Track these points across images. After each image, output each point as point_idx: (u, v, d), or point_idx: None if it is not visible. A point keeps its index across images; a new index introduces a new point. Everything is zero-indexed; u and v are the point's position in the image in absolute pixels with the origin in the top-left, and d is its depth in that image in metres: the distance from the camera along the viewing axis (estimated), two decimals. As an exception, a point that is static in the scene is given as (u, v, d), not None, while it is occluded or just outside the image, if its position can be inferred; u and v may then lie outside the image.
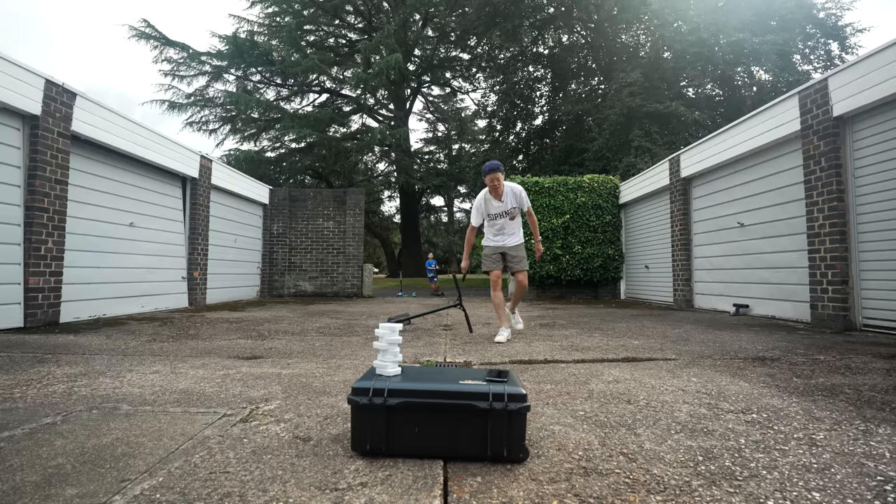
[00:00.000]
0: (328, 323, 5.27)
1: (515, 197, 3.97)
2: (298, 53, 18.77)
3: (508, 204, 3.96)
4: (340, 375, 2.59)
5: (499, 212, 3.99)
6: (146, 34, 17.28)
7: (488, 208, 4.03)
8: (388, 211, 33.27)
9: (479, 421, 1.39)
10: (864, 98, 4.38)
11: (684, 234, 7.76)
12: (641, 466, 1.37)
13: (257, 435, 1.63)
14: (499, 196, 3.93)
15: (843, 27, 15.39)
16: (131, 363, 2.90)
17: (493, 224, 4.06)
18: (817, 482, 1.26)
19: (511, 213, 3.99)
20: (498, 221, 4.03)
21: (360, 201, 10.94)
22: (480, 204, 4.05)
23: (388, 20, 20.69)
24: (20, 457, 1.42)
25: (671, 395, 2.16)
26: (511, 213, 3.99)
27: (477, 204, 4.09)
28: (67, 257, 5.18)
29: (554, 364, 2.93)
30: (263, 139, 20.46)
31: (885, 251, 4.36)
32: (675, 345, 3.68)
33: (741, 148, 6.19)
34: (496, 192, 3.90)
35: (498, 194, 3.92)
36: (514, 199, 3.97)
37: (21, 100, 4.60)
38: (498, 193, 3.91)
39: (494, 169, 3.84)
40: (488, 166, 3.86)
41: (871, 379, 2.47)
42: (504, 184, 3.92)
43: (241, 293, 9.60)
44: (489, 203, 4.01)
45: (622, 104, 13.92)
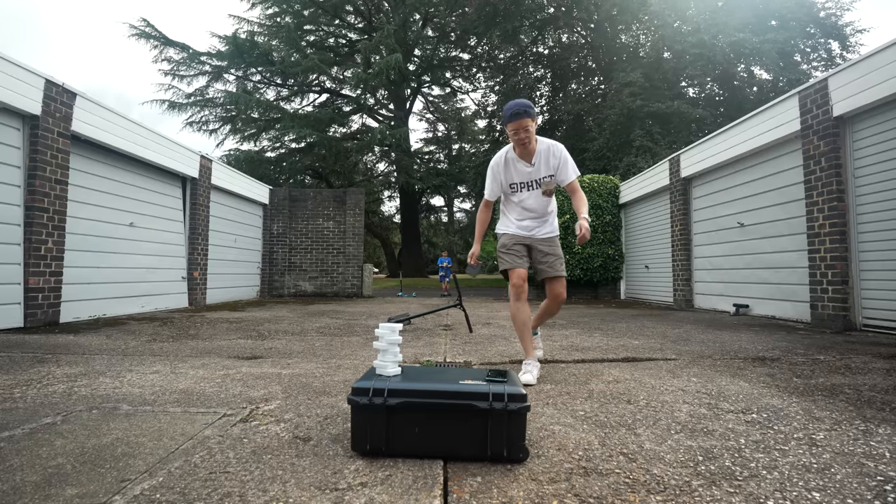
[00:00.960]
0: (328, 323, 5.27)
1: (555, 160, 2.59)
2: (298, 53, 18.76)
3: (542, 170, 2.58)
4: (340, 375, 2.59)
5: (527, 181, 2.63)
6: (146, 34, 17.28)
7: (509, 174, 2.66)
8: (388, 211, 33.29)
9: (479, 421, 1.39)
10: (864, 98, 4.37)
11: (684, 234, 7.76)
12: (641, 466, 1.37)
13: (257, 435, 1.63)
14: (528, 155, 2.57)
15: (843, 27, 15.40)
16: (131, 363, 2.90)
17: (516, 200, 2.70)
18: (817, 482, 1.26)
19: (545, 186, 2.61)
20: (524, 197, 2.66)
21: (360, 201, 10.94)
22: (499, 167, 2.67)
23: (388, 20, 20.70)
24: (20, 457, 1.42)
25: (671, 395, 2.16)
26: (545, 186, 2.61)
27: (493, 167, 2.69)
28: (67, 257, 5.18)
29: (554, 364, 2.93)
30: (263, 139, 20.47)
31: (885, 251, 4.36)
32: (675, 345, 3.68)
33: (741, 148, 6.19)
34: (524, 148, 2.54)
35: (527, 152, 2.56)
36: (552, 163, 2.59)
37: (21, 100, 4.59)
38: (527, 151, 2.55)
39: (521, 112, 2.44)
40: (513, 107, 2.47)
41: (871, 379, 2.47)
42: (538, 139, 2.57)
43: (241, 293, 9.60)
44: (512, 166, 2.64)
45: (622, 104, 13.92)
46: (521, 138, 2.49)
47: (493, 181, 2.71)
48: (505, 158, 2.65)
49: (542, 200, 2.66)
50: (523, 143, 2.50)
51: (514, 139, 2.52)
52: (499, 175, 2.68)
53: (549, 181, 2.61)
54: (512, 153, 2.62)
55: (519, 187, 2.66)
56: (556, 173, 2.60)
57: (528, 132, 2.48)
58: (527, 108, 2.45)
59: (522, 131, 2.48)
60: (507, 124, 2.50)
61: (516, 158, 2.61)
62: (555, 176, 2.61)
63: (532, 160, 2.59)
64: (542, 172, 2.60)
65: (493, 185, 2.72)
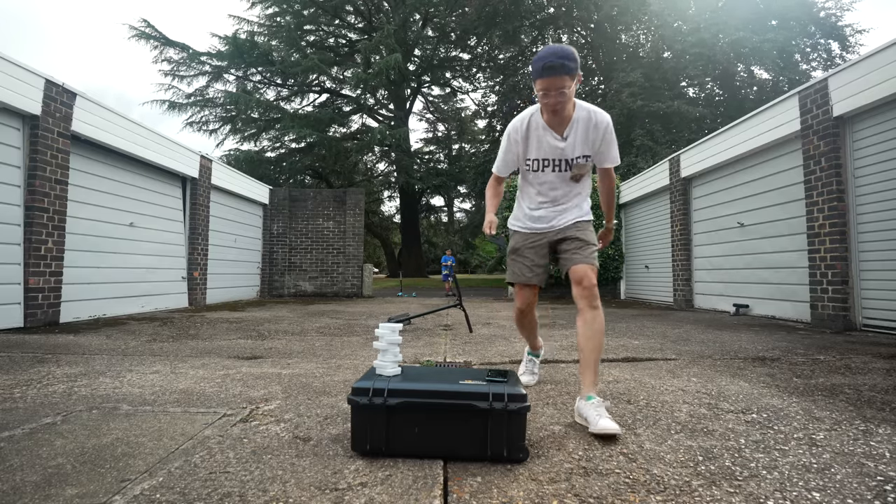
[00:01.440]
0: (328, 323, 5.27)
1: (596, 135, 1.89)
2: (298, 53, 18.77)
3: (577, 147, 1.90)
4: (340, 375, 2.59)
5: (553, 158, 1.93)
6: (146, 34, 17.28)
7: (530, 145, 1.95)
8: (388, 211, 33.28)
9: (479, 421, 1.39)
10: (864, 98, 4.38)
11: (684, 234, 7.76)
12: (641, 466, 1.37)
13: (257, 435, 1.63)
14: (560, 124, 1.87)
15: (843, 27, 15.41)
16: (131, 363, 2.90)
17: (534, 181, 2.02)
18: (817, 482, 1.26)
19: (578, 169, 1.94)
20: (546, 179, 1.98)
21: (360, 201, 10.94)
22: (517, 133, 1.96)
23: (388, 20, 20.70)
24: (20, 457, 1.42)
25: (671, 395, 2.16)
26: (578, 169, 1.94)
27: (511, 133, 1.98)
28: (67, 257, 5.18)
29: (554, 364, 2.93)
30: (263, 139, 20.47)
31: (885, 251, 4.36)
32: (675, 345, 3.68)
33: (741, 148, 6.19)
34: (555, 115, 1.84)
35: (560, 120, 1.86)
36: (592, 138, 1.89)
37: (21, 100, 4.59)
38: (559, 118, 1.85)
39: (556, 66, 1.71)
40: (545, 57, 1.72)
41: (871, 379, 2.47)
42: (576, 102, 1.88)
43: (241, 293, 9.60)
44: (536, 135, 1.93)
45: (622, 104, 13.93)
46: (551, 103, 1.76)
47: (508, 152, 2.02)
48: (528, 123, 1.93)
49: (569, 185, 1.99)
50: (555, 109, 1.79)
51: (542, 102, 1.82)
52: (515, 145, 1.97)
53: (583, 163, 1.92)
54: (538, 117, 1.91)
55: (541, 165, 1.96)
56: (595, 153, 1.91)
57: (564, 96, 1.74)
58: (565, 61, 1.69)
59: (555, 93, 1.73)
60: (537, 79, 1.76)
61: (543, 126, 1.90)
62: (591, 157, 1.93)
63: (565, 132, 1.88)
64: (576, 150, 1.89)
65: (507, 156, 2.03)
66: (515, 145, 1.99)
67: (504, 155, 2.05)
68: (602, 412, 1.66)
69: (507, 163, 2.07)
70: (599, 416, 1.63)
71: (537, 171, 1.99)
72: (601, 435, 1.58)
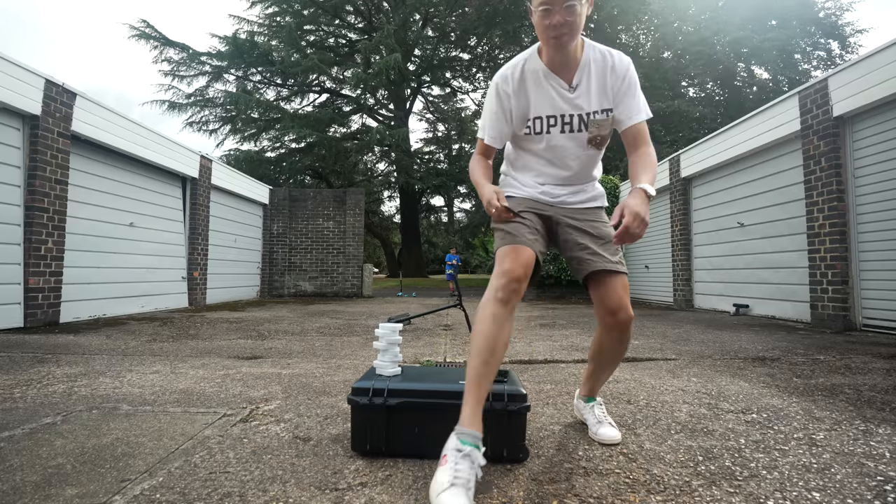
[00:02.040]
0: (328, 323, 5.27)
1: (616, 81, 1.41)
2: (298, 53, 18.76)
3: (592, 98, 1.41)
4: (340, 375, 2.59)
5: (562, 113, 1.43)
6: (146, 34, 17.28)
7: (526, 98, 1.44)
8: (388, 211, 33.26)
9: (479, 421, 1.39)
10: (864, 98, 4.38)
11: (684, 234, 7.76)
12: (641, 466, 1.37)
13: (257, 435, 1.63)
14: (567, 66, 1.40)
15: (843, 27, 15.42)
16: (131, 363, 2.90)
17: (538, 148, 1.50)
18: (817, 482, 1.26)
19: (597, 128, 1.44)
20: (555, 142, 1.46)
21: (360, 201, 10.94)
22: (507, 85, 1.44)
23: (388, 20, 20.69)
24: (20, 457, 1.42)
25: (671, 395, 2.16)
26: (597, 128, 1.44)
27: (500, 84, 1.45)
28: (67, 257, 5.18)
29: (554, 364, 2.92)
30: (263, 139, 20.46)
31: (885, 251, 4.36)
32: (675, 345, 3.68)
33: (741, 148, 6.19)
34: (559, 48, 1.34)
35: (566, 59, 1.38)
36: (611, 85, 1.41)
37: (21, 100, 4.59)
38: (565, 56, 1.37)
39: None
40: None
41: (871, 379, 2.47)
42: (585, 41, 1.42)
43: (241, 293, 9.60)
44: (534, 84, 1.43)
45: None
46: (555, 24, 1.26)
47: (499, 110, 1.45)
48: (521, 70, 1.41)
49: (588, 154, 1.47)
50: (560, 36, 1.28)
51: (543, 25, 1.29)
52: (507, 100, 1.43)
53: (603, 120, 1.41)
54: (535, 61, 1.40)
55: (545, 124, 1.43)
56: (617, 106, 1.41)
57: (574, 13, 1.26)
58: None
59: (561, 10, 1.25)
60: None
61: (544, 71, 1.39)
62: (613, 111, 1.41)
63: (574, 78, 1.39)
64: (592, 102, 1.40)
65: (498, 118, 1.45)
66: (507, 100, 1.43)
67: (491, 117, 1.46)
68: (603, 417, 1.60)
69: (498, 126, 1.46)
70: (600, 423, 1.58)
71: (541, 133, 1.44)
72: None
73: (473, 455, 1.14)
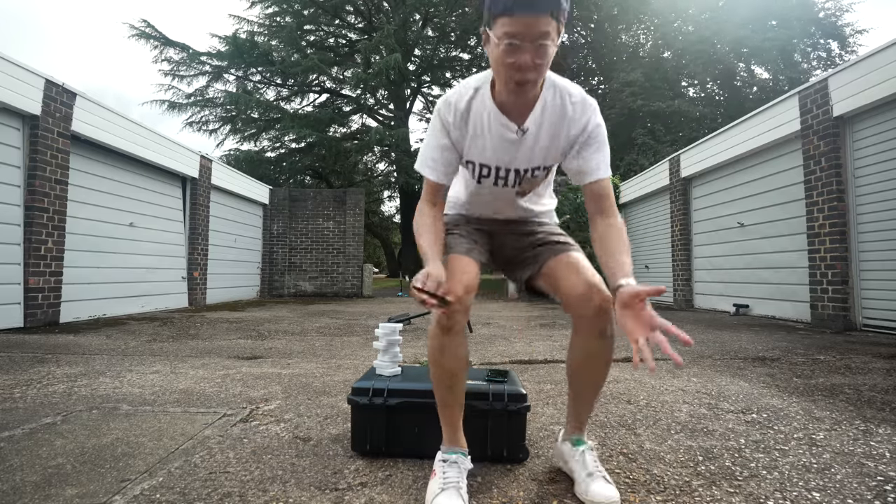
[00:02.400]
0: (328, 323, 5.27)
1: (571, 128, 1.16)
2: (298, 53, 18.75)
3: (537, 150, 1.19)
4: (340, 375, 2.59)
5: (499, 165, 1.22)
6: (146, 34, 17.27)
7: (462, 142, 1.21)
8: (388, 211, 33.25)
9: (478, 421, 1.39)
10: (864, 98, 4.38)
11: (684, 234, 7.76)
12: (641, 466, 1.37)
13: (257, 435, 1.63)
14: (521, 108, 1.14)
15: (843, 27, 15.43)
16: (131, 363, 2.90)
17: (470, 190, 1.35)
18: (817, 482, 1.26)
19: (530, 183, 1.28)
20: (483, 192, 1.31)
21: (360, 201, 10.94)
22: (451, 115, 1.19)
23: (388, 20, 20.68)
24: (20, 457, 1.42)
25: (671, 395, 2.16)
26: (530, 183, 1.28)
27: (441, 113, 1.20)
28: (67, 257, 5.17)
29: (554, 364, 2.92)
30: (263, 139, 20.44)
31: (885, 251, 4.36)
32: (674, 345, 3.67)
33: (741, 148, 6.19)
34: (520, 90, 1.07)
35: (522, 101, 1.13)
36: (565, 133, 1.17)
37: (21, 100, 4.59)
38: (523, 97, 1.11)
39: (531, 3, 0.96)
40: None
41: (871, 379, 2.47)
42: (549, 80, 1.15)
43: (241, 293, 9.60)
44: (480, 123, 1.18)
45: (623, 104, 13.95)
46: (521, 64, 1.03)
47: (447, 142, 1.22)
48: (468, 103, 1.18)
49: (517, 205, 1.35)
50: (524, 81, 1.06)
51: (503, 62, 1.05)
52: (452, 131, 1.21)
53: (538, 178, 1.27)
54: (487, 95, 1.17)
55: (478, 173, 1.26)
56: (571, 159, 1.20)
57: (545, 53, 1.02)
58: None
59: (530, 49, 1.01)
60: (495, 19, 1.02)
61: (494, 112, 1.17)
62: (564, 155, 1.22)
63: (526, 122, 1.17)
64: (535, 157, 1.21)
65: (445, 149, 1.22)
66: (452, 130, 1.20)
67: (439, 148, 1.22)
68: (595, 468, 1.18)
69: (446, 160, 1.23)
70: (591, 477, 1.16)
71: (472, 179, 1.29)
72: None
73: (460, 461, 1.19)
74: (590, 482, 1.15)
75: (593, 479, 1.16)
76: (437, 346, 1.17)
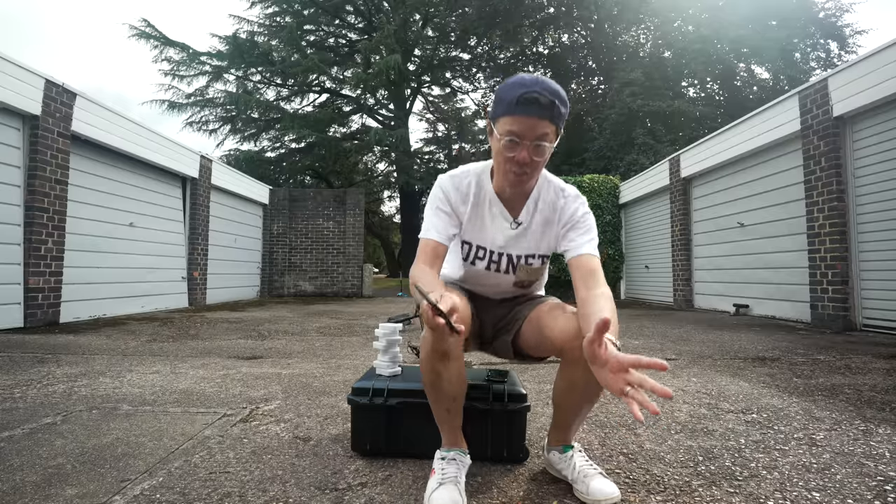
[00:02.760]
0: (328, 323, 5.27)
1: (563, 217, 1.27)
2: (298, 53, 18.74)
3: (530, 239, 1.31)
4: (340, 375, 2.59)
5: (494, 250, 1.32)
6: (146, 34, 17.27)
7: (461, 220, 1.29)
8: (388, 211, 33.25)
9: (479, 421, 1.39)
10: (863, 98, 4.37)
11: (684, 234, 7.76)
12: (641, 466, 1.37)
13: (257, 435, 1.63)
14: (516, 200, 1.28)
15: (843, 27, 15.42)
16: (131, 363, 2.90)
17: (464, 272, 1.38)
18: (817, 482, 1.26)
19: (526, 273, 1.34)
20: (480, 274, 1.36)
21: (360, 201, 10.94)
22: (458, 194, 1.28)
23: (388, 20, 20.67)
24: (20, 457, 1.42)
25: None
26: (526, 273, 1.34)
27: (446, 192, 1.28)
28: (67, 257, 5.17)
29: (554, 364, 2.92)
30: (263, 139, 20.46)
31: (885, 251, 4.36)
32: (675, 345, 3.68)
33: (741, 148, 6.19)
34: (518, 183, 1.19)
35: (519, 192, 1.26)
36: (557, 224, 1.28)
37: (21, 100, 4.59)
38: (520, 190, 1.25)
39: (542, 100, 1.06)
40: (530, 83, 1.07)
41: (871, 379, 2.47)
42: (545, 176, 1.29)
43: (241, 293, 9.60)
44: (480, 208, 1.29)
45: (623, 103, 13.95)
46: (520, 160, 1.12)
47: (450, 210, 1.28)
48: (469, 185, 1.28)
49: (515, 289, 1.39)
50: (521, 175, 1.16)
51: (503, 156, 1.15)
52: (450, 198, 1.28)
53: (534, 267, 1.33)
54: (487, 180, 1.28)
55: (473, 254, 1.33)
56: (560, 241, 1.28)
57: (543, 152, 1.13)
58: (555, 99, 1.08)
59: (530, 145, 1.10)
60: (499, 118, 1.13)
61: (493, 197, 1.27)
62: (546, 257, 1.34)
63: (521, 214, 1.28)
64: (529, 245, 1.31)
65: (447, 215, 1.27)
66: (453, 201, 1.28)
67: (439, 215, 1.26)
68: (590, 467, 1.20)
69: (448, 226, 1.26)
70: (587, 476, 1.16)
71: (466, 260, 1.34)
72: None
73: (458, 457, 1.21)
74: (589, 480, 1.16)
75: (591, 477, 1.16)
76: (432, 370, 1.15)
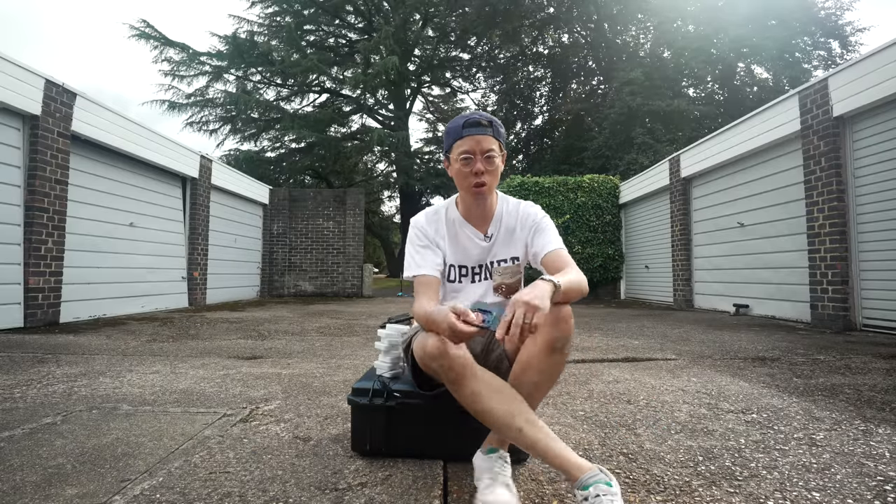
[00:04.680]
0: (328, 323, 5.27)
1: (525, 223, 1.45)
2: (298, 53, 18.75)
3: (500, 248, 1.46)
4: (340, 375, 2.59)
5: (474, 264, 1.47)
6: (146, 34, 17.27)
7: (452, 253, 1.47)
8: (388, 211, 33.25)
9: (478, 420, 1.38)
10: (864, 98, 4.37)
11: (684, 234, 7.76)
12: (641, 466, 1.37)
13: (257, 435, 1.63)
14: (483, 218, 1.46)
15: (843, 26, 15.42)
16: (131, 363, 2.90)
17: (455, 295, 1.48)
18: (817, 482, 1.26)
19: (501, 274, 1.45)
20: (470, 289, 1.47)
21: (360, 201, 10.94)
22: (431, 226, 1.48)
23: (388, 20, 20.68)
24: (20, 457, 1.42)
25: (671, 395, 2.16)
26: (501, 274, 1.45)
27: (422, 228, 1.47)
28: (67, 257, 5.17)
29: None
30: (263, 139, 20.46)
31: (885, 251, 4.36)
32: (675, 345, 3.68)
33: (741, 148, 6.19)
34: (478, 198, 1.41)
35: (483, 211, 1.45)
36: (520, 234, 1.45)
37: (21, 100, 4.59)
38: (483, 208, 1.45)
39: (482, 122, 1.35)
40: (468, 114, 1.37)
41: (871, 379, 2.47)
42: (500, 195, 1.52)
43: (241, 293, 9.60)
44: (452, 231, 1.48)
45: (623, 103, 13.94)
46: (477, 170, 1.32)
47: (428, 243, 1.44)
48: (441, 217, 1.49)
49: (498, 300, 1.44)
50: (481, 185, 1.34)
51: (463, 174, 1.35)
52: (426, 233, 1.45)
53: (507, 267, 1.44)
54: (454, 210, 1.48)
55: (458, 273, 1.46)
56: (530, 247, 1.42)
57: (493, 163, 1.34)
58: (493, 120, 1.35)
59: (482, 158, 1.32)
60: (452, 146, 1.36)
61: (460, 220, 1.46)
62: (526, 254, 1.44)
63: (489, 229, 1.45)
64: (500, 251, 1.45)
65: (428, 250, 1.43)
66: (429, 234, 1.45)
67: (421, 251, 1.42)
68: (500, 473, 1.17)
69: (433, 258, 1.42)
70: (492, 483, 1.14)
71: (454, 282, 1.47)
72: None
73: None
74: (489, 489, 1.13)
75: (493, 485, 1.13)
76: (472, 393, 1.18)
